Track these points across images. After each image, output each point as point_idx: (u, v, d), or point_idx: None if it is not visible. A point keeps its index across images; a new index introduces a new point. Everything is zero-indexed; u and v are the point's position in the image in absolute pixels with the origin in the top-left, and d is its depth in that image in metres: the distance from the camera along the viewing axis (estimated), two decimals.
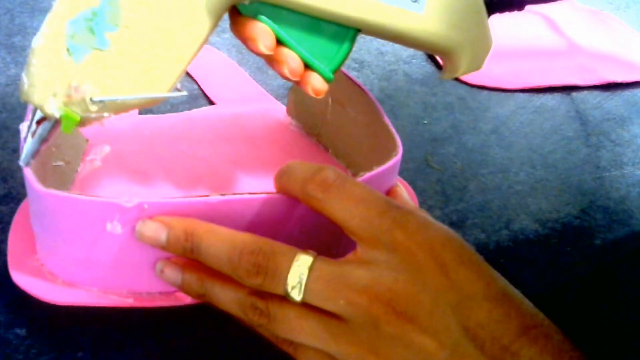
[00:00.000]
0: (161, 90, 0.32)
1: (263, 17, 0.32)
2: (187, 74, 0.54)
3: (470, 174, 0.49)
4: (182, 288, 0.31)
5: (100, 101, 0.31)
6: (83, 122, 0.31)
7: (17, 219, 0.37)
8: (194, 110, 0.50)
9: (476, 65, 0.36)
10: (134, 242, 0.31)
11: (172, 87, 0.32)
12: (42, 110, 0.31)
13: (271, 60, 0.34)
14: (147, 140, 0.45)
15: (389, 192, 0.38)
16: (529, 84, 0.62)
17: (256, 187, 0.34)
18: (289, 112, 0.50)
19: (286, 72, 0.33)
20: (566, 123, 0.58)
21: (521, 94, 0.61)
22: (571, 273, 0.42)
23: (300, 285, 0.27)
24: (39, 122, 0.31)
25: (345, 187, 0.29)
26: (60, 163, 0.39)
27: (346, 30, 0.33)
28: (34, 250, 0.34)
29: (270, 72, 0.58)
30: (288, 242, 0.34)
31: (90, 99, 0.31)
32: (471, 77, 0.62)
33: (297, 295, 0.27)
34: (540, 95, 0.62)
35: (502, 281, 0.28)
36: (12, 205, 0.39)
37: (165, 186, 0.41)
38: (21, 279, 0.33)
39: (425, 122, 0.54)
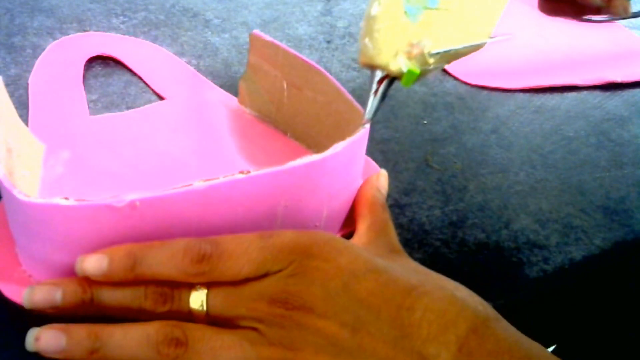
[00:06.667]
0: (483, 37, 0.37)
1: None
2: (132, 72, 0.53)
3: (470, 174, 0.49)
4: (69, 349, 0.28)
5: (437, 53, 0.35)
6: (421, 75, 0.36)
7: None
8: (146, 107, 0.49)
9: None
10: (130, 243, 0.30)
11: (491, 33, 0.37)
12: (387, 69, 0.35)
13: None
14: (104, 141, 0.44)
15: (365, 182, 0.40)
16: (529, 84, 0.62)
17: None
18: (241, 101, 0.50)
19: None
20: (566, 123, 0.58)
21: (521, 94, 0.61)
22: (571, 273, 0.42)
23: (202, 303, 0.29)
24: (380, 82, 0.36)
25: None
26: (27, 172, 0.37)
27: None
28: (16, 262, 0.33)
29: None
30: (274, 218, 0.34)
31: (429, 53, 0.35)
32: (471, 77, 0.62)
33: (201, 310, 0.29)
34: (540, 95, 0.62)
35: (380, 259, 0.30)
36: None
37: (134, 184, 0.41)
38: (14, 294, 0.32)
39: (425, 122, 0.54)
